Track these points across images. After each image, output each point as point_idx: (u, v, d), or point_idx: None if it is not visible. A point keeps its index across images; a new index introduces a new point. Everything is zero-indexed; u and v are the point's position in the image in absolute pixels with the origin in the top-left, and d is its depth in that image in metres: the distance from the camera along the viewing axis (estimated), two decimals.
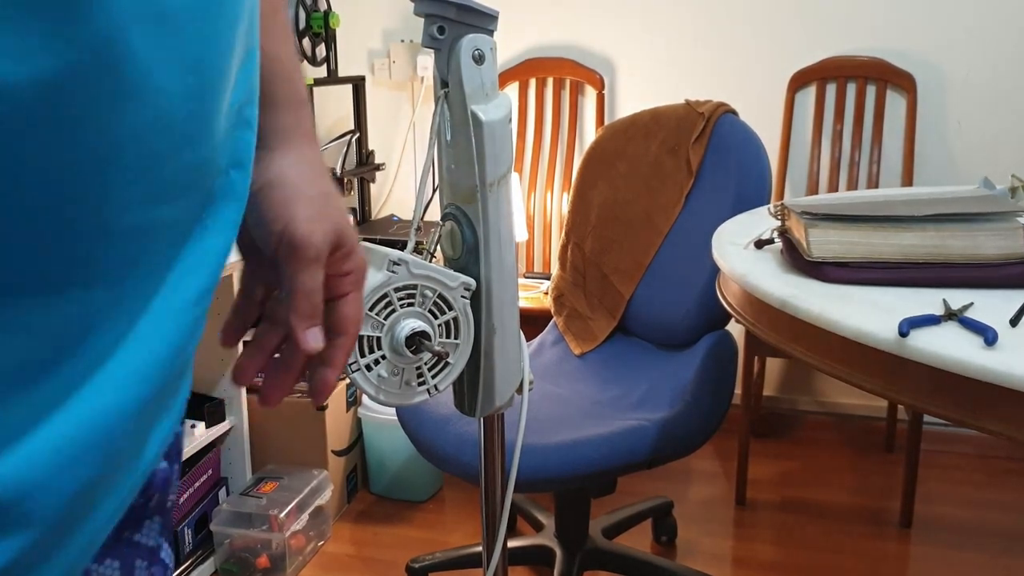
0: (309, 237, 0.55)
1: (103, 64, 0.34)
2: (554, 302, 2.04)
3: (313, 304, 0.56)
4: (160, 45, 0.37)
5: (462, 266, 0.79)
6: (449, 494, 2.34)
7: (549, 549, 1.85)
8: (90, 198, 0.37)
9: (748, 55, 2.56)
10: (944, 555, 2.04)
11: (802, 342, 1.01)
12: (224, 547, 1.96)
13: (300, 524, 1.97)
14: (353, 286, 0.60)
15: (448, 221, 0.80)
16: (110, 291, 0.39)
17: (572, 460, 1.47)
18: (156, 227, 0.41)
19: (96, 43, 0.34)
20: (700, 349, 1.72)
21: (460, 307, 0.76)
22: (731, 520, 2.21)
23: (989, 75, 2.42)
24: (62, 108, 0.34)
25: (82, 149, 0.35)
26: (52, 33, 0.32)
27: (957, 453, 2.53)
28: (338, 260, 0.58)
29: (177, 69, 0.38)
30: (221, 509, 1.96)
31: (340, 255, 0.58)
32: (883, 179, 2.50)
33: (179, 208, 0.42)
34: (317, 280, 0.56)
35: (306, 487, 2.01)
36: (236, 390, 2.02)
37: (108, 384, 0.40)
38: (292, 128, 0.59)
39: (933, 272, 1.04)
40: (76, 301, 0.38)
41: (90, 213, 0.37)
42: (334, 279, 0.59)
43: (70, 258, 0.37)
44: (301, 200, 0.57)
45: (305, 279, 0.56)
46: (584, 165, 2.03)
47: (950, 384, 0.84)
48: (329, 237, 0.56)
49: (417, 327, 0.73)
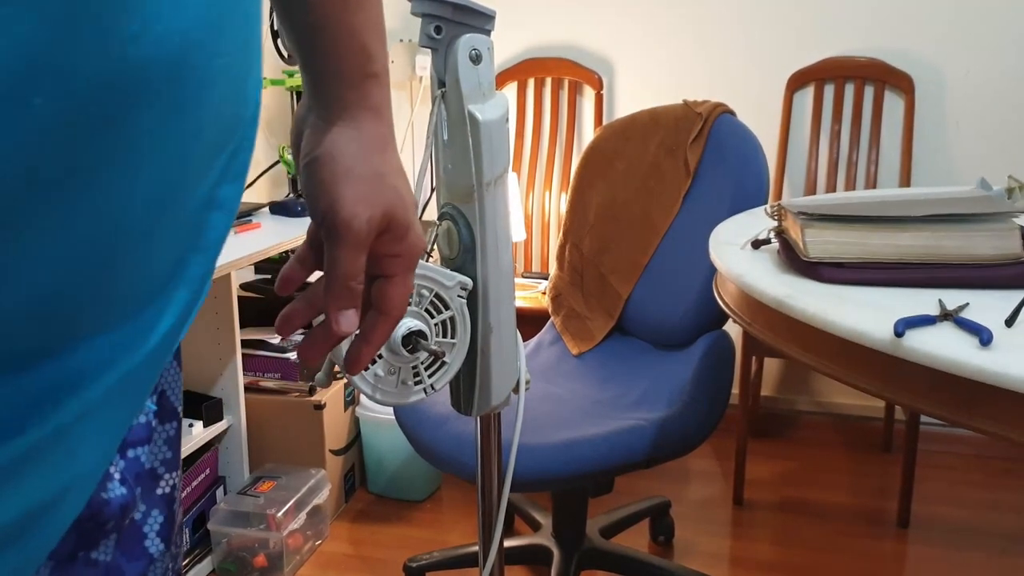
0: (350, 221, 0.53)
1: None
2: (552, 302, 2.04)
3: (349, 288, 0.54)
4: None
5: (459, 266, 0.79)
6: (447, 493, 2.34)
7: (546, 549, 1.85)
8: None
9: (746, 55, 2.56)
10: (942, 555, 2.04)
11: (798, 342, 1.01)
12: (222, 546, 1.96)
13: (298, 523, 1.97)
14: (402, 268, 0.58)
15: (445, 220, 0.80)
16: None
17: (571, 459, 1.47)
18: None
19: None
20: (698, 349, 1.73)
21: (457, 306, 0.76)
22: (729, 520, 2.22)
23: (987, 76, 2.43)
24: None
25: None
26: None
27: (955, 453, 2.54)
28: (387, 242, 0.56)
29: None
30: (219, 508, 1.96)
31: (389, 238, 0.56)
32: (881, 179, 2.50)
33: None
34: (356, 264, 0.54)
35: (304, 486, 2.01)
36: (233, 389, 2.02)
37: None
38: (354, 102, 0.56)
39: (929, 272, 1.04)
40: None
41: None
42: (384, 259, 0.57)
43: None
44: (350, 179, 0.54)
45: (343, 263, 0.54)
46: (582, 165, 2.03)
47: (946, 384, 0.84)
48: (375, 222, 0.54)
49: (414, 326, 0.73)
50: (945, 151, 2.49)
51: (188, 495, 1.95)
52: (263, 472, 2.07)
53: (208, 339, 1.99)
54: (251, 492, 1.98)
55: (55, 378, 0.37)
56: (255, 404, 2.12)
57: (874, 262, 1.06)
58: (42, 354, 0.36)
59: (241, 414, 2.05)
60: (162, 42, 0.34)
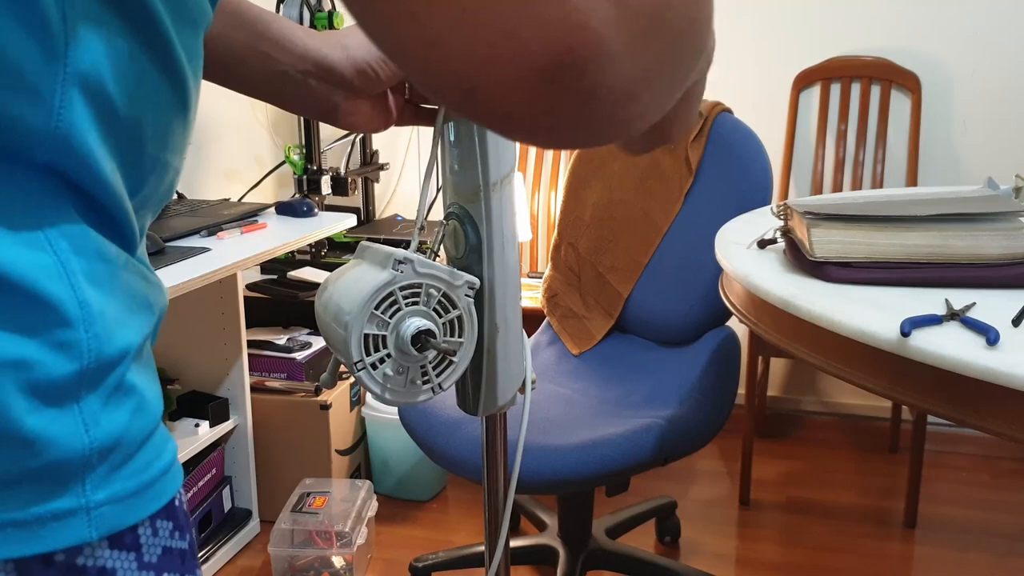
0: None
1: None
2: (548, 302, 2.04)
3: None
4: None
5: (465, 265, 0.79)
6: (453, 493, 2.34)
7: (552, 549, 1.85)
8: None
9: (752, 55, 2.56)
10: (949, 556, 2.04)
11: (805, 342, 1.01)
12: (284, 568, 1.89)
13: (362, 538, 1.90)
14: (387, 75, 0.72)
15: (451, 220, 0.80)
16: None
17: (591, 460, 1.47)
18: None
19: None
20: (705, 345, 1.73)
21: (464, 306, 0.76)
22: (735, 520, 2.21)
23: (994, 75, 2.42)
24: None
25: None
26: None
27: (962, 454, 2.53)
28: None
29: None
30: (280, 529, 1.88)
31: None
32: (887, 179, 2.50)
33: None
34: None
35: (357, 498, 1.96)
36: (240, 389, 2.02)
37: None
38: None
39: (935, 272, 1.04)
40: None
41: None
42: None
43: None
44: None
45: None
46: (576, 164, 2.04)
47: (952, 384, 0.84)
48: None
49: (423, 326, 0.73)
50: (952, 151, 2.49)
51: (194, 495, 1.95)
52: (306, 488, 2.00)
53: (214, 339, 2.00)
54: (307, 509, 1.91)
55: None
56: (261, 404, 2.12)
57: (880, 262, 1.06)
58: None
59: (247, 414, 2.05)
60: None
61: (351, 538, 1.88)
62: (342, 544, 1.88)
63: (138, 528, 0.42)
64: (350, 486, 2.03)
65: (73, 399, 0.39)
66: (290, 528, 1.89)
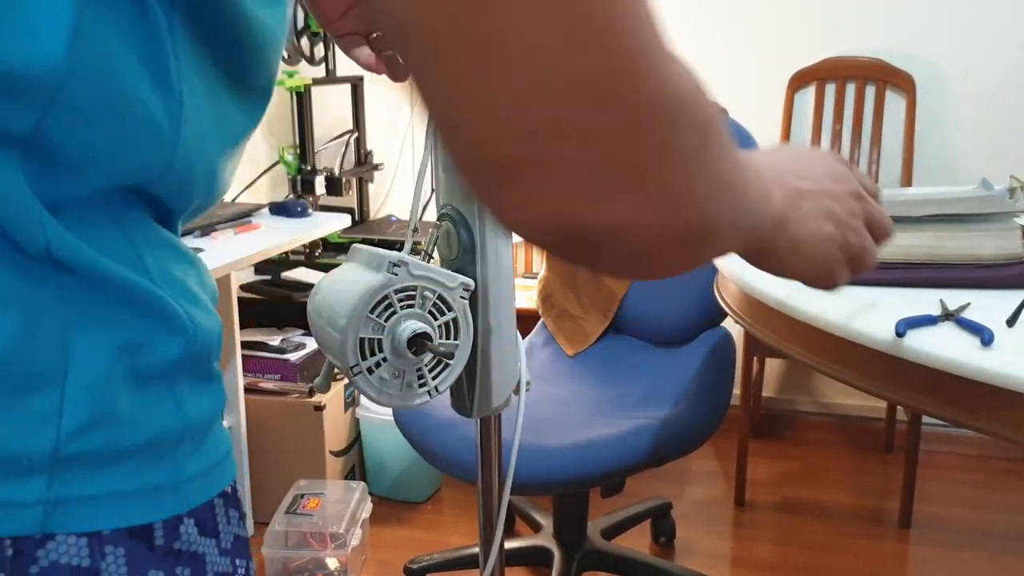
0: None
1: None
2: (542, 303, 2.04)
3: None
4: None
5: (459, 267, 0.79)
6: (447, 494, 2.34)
7: (547, 550, 1.85)
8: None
9: (747, 55, 2.56)
10: (943, 555, 2.04)
11: (800, 342, 1.01)
12: (277, 569, 1.88)
13: (356, 539, 1.89)
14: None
15: (445, 221, 0.79)
16: None
17: (585, 461, 1.47)
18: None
19: None
20: (700, 346, 1.73)
21: (459, 307, 0.75)
22: (730, 521, 2.21)
23: (988, 75, 2.42)
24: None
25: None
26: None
27: (956, 454, 2.53)
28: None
29: None
30: (273, 530, 1.87)
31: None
32: (882, 179, 2.50)
33: None
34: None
35: (352, 499, 1.95)
36: (233, 390, 2.02)
37: None
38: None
39: (930, 272, 1.04)
40: None
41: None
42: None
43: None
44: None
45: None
46: None
47: (947, 384, 0.84)
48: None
49: (419, 328, 0.73)
50: (946, 151, 2.49)
51: None
52: (300, 490, 1.99)
53: None
54: (301, 511, 1.90)
55: None
56: (255, 405, 2.12)
57: None
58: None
59: (241, 415, 2.05)
60: None
61: (345, 540, 1.87)
62: (336, 546, 1.87)
63: (216, 515, 0.46)
64: (344, 487, 2.02)
65: (174, 380, 0.44)
66: (284, 530, 1.88)
